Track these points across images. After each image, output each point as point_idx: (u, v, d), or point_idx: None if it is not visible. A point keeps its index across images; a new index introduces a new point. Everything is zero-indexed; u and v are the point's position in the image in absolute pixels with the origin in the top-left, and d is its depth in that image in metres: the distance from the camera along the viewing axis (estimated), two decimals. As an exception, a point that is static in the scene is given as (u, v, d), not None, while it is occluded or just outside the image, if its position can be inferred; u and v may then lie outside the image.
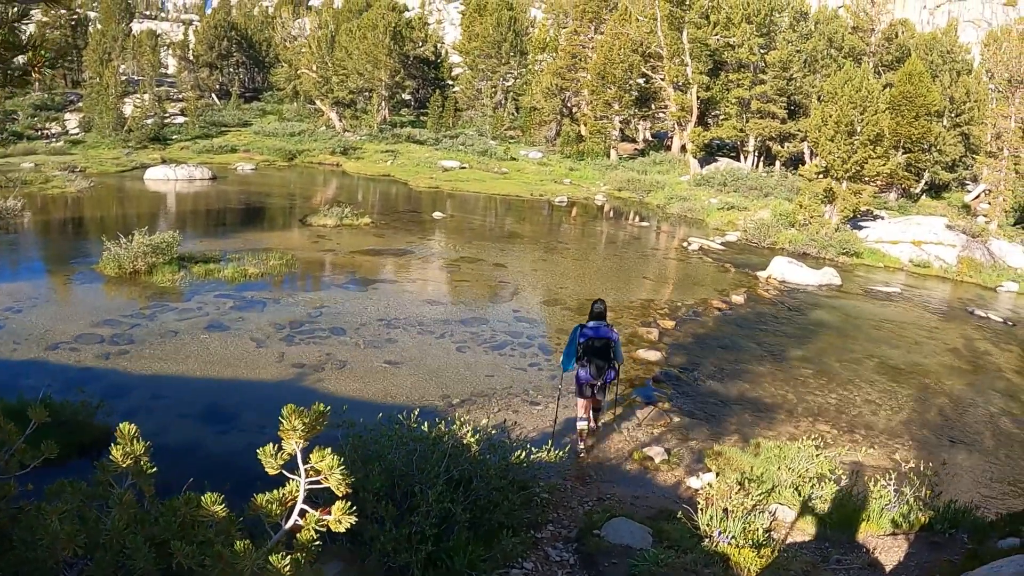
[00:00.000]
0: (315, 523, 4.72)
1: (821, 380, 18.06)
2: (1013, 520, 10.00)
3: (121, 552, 4.54)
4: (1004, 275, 35.00)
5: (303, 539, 4.67)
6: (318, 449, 4.73)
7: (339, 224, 30.74)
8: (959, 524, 10.01)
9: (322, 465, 4.68)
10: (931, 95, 49.55)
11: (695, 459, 12.80)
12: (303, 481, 4.74)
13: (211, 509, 4.64)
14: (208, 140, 55.34)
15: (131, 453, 4.80)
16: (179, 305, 18.34)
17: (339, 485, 4.67)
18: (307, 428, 4.65)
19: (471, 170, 53.63)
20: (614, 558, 8.80)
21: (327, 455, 4.72)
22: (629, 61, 57.32)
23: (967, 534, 9.81)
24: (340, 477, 4.65)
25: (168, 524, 4.68)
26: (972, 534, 9.74)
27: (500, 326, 19.29)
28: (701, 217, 43.60)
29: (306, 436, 4.65)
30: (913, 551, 9.47)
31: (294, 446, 4.68)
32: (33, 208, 31.18)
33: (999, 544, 8.76)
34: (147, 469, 4.90)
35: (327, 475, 4.69)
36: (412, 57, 74.61)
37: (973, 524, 10.03)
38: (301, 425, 4.60)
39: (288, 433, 4.62)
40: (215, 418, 12.67)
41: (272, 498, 4.79)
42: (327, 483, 4.71)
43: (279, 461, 4.74)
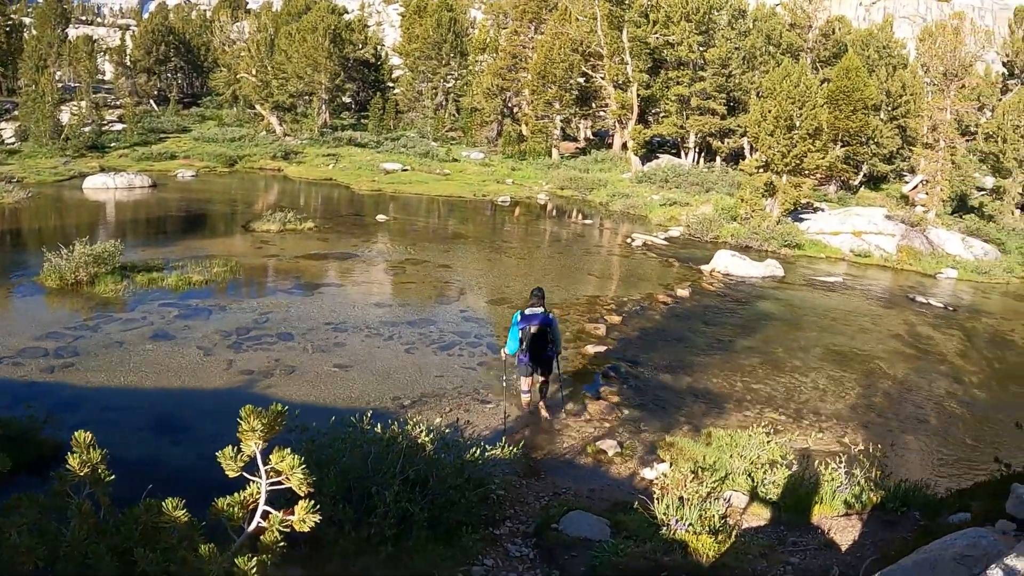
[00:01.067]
0: (279, 524, 4.65)
1: (768, 369, 18.25)
2: (963, 496, 10.15)
3: (83, 562, 4.44)
4: (943, 262, 35.62)
5: (267, 540, 4.61)
6: (278, 449, 4.67)
7: (282, 229, 30.36)
8: (911, 502, 10.14)
9: (283, 465, 4.62)
10: (868, 89, 50.23)
11: (648, 450, 12.85)
12: (264, 482, 4.67)
13: (173, 515, 4.56)
14: (147, 147, 54.05)
15: (88, 462, 4.70)
16: (123, 315, 17.93)
17: (301, 485, 4.61)
18: (266, 429, 4.59)
19: (413, 172, 53.30)
20: (573, 551, 8.80)
21: (287, 455, 4.67)
22: (569, 60, 57.37)
23: (919, 511, 9.93)
24: (301, 477, 4.60)
25: (129, 532, 4.59)
26: (924, 511, 9.86)
27: (448, 326, 19.22)
28: (644, 213, 43.83)
29: (265, 437, 4.60)
30: (867, 530, 9.57)
31: (253, 447, 4.61)
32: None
33: (951, 519, 8.88)
34: (105, 477, 4.81)
35: (288, 475, 4.62)
36: (352, 60, 74.04)
37: (924, 501, 10.16)
38: (260, 426, 4.54)
39: (247, 434, 4.55)
40: (167, 429, 12.40)
41: (234, 501, 4.72)
42: (289, 483, 4.65)
43: (239, 463, 4.66)
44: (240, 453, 4.67)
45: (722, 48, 54.92)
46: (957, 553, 6.55)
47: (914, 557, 6.86)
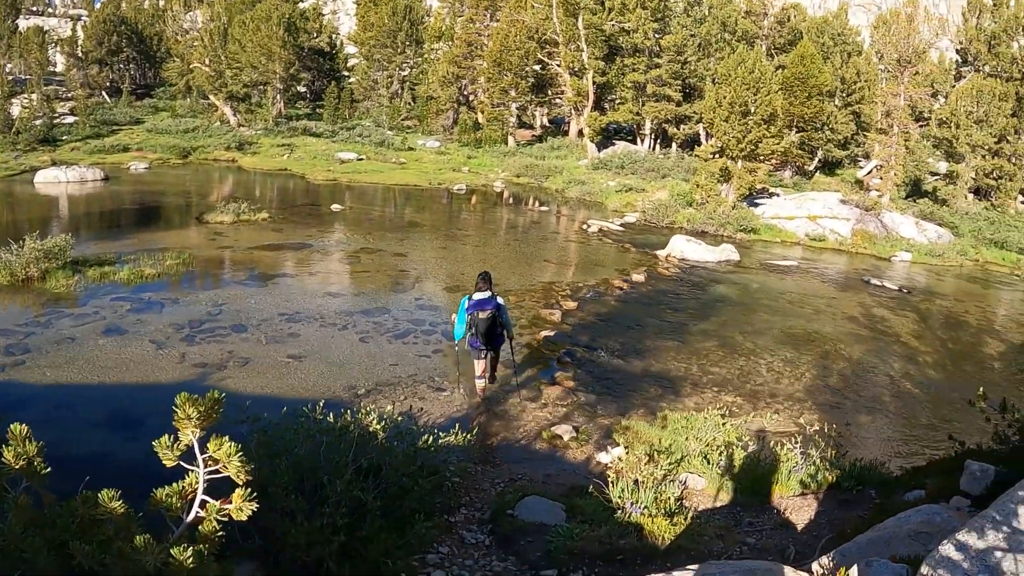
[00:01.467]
0: (216, 513, 4.50)
1: (724, 352, 18.30)
2: (918, 474, 10.18)
3: (19, 556, 4.27)
4: (897, 245, 36.03)
5: (205, 530, 4.46)
6: (215, 438, 4.51)
7: (236, 220, 29.97)
8: (866, 481, 10.17)
9: (219, 453, 4.47)
10: (823, 76, 50.53)
11: (603, 435, 12.81)
12: (202, 471, 4.53)
13: (109, 506, 4.40)
14: (100, 140, 52.99)
15: (23, 455, 4.52)
16: (75, 311, 17.54)
17: (238, 473, 4.46)
18: (202, 417, 4.44)
19: (369, 161, 52.91)
20: (529, 536, 8.72)
21: (224, 443, 4.51)
22: (525, 48, 57.12)
23: (875, 490, 9.96)
24: (239, 464, 4.45)
25: (66, 525, 4.42)
26: (879, 489, 9.89)
27: (402, 315, 19.06)
28: (600, 200, 43.81)
29: (202, 425, 4.45)
30: (823, 509, 9.57)
31: (190, 436, 4.46)
32: None
33: (906, 497, 8.89)
34: (41, 470, 4.63)
35: (225, 463, 4.47)
36: (307, 49, 73.21)
37: (880, 480, 10.19)
38: (196, 413, 4.39)
39: (183, 423, 4.40)
40: (121, 424, 12.14)
41: (172, 491, 4.57)
42: (226, 471, 4.49)
43: (176, 453, 4.50)
44: (177, 442, 4.50)
45: (678, 35, 55.04)
46: (912, 530, 6.53)
47: (869, 534, 6.84)
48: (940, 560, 4.80)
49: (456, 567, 8.14)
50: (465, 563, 8.25)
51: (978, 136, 45.30)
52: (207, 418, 4.44)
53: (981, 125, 45.50)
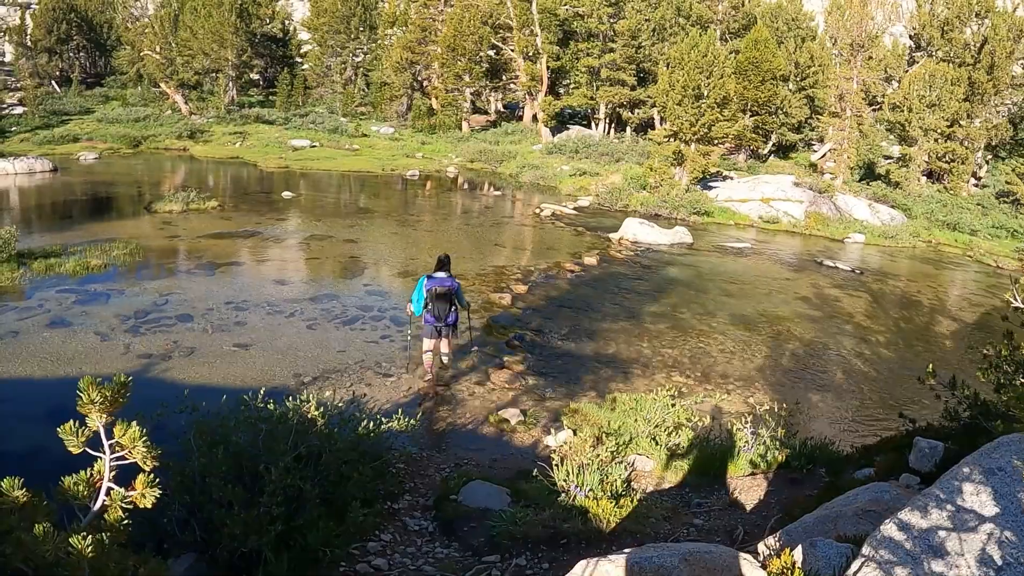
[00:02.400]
0: (121, 500, 4.25)
1: (676, 334, 18.23)
2: (868, 452, 10.12)
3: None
4: (851, 227, 36.18)
5: (111, 519, 4.21)
6: (121, 423, 4.25)
7: (186, 209, 29.60)
8: (816, 460, 10.10)
9: (125, 439, 4.21)
10: (776, 60, 50.70)
11: (551, 418, 12.67)
12: (107, 457, 4.28)
13: (11, 495, 4.13)
14: (49, 130, 51.77)
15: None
16: (19, 304, 17.14)
17: (144, 459, 4.21)
18: (108, 401, 4.17)
19: (322, 148, 52.53)
20: (472, 522, 8.55)
21: (130, 428, 4.26)
22: (479, 33, 56.81)
23: (824, 468, 9.90)
24: (144, 450, 4.20)
25: (-31, 516, 4.15)
26: (829, 468, 9.83)
27: (351, 301, 18.87)
28: (554, 184, 43.68)
29: (108, 410, 4.18)
30: (773, 488, 9.46)
31: (96, 421, 4.19)
32: None
33: (855, 475, 8.82)
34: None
35: (131, 449, 4.21)
36: (260, 35, 72.32)
37: (829, 458, 10.12)
38: (100, 398, 4.12)
39: (87, 407, 4.14)
40: (59, 418, 11.46)
41: (79, 480, 4.31)
42: (132, 457, 4.24)
43: (81, 439, 4.25)
44: (84, 428, 4.25)
45: (632, 19, 54.83)
46: (860, 508, 6.39)
47: (817, 513, 6.71)
48: (882, 540, 4.64)
49: (398, 555, 7.97)
50: (407, 550, 8.09)
51: (930, 120, 45.51)
52: (114, 403, 4.18)
53: (933, 109, 45.71)
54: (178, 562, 7.26)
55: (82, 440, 4.26)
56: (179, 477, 7.71)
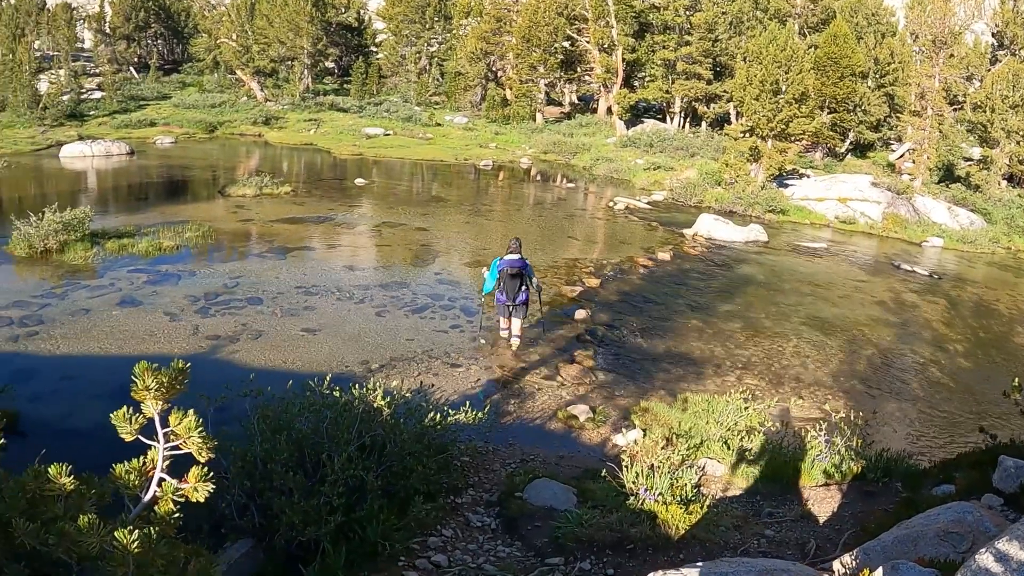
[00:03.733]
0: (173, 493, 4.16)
1: (749, 334, 17.86)
2: (946, 467, 9.73)
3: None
4: (929, 231, 35.22)
5: (161, 511, 4.11)
6: (176, 411, 4.16)
7: (259, 194, 29.86)
8: (892, 472, 9.74)
9: (180, 428, 4.11)
10: (856, 56, 49.58)
11: (621, 416, 12.46)
12: (161, 447, 4.18)
13: (59, 482, 4.05)
14: (127, 115, 52.87)
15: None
16: (91, 282, 17.43)
17: (200, 450, 4.11)
18: (166, 388, 4.09)
19: (395, 137, 52.65)
20: (537, 521, 8.39)
21: (186, 417, 4.17)
22: (554, 24, 56.43)
23: (901, 482, 9.53)
24: (200, 441, 4.10)
25: (15, 501, 4.08)
26: (906, 482, 9.46)
27: (421, 289, 18.80)
28: (627, 178, 43.17)
29: (165, 396, 4.09)
30: (847, 501, 9.16)
31: (151, 408, 4.11)
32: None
33: (934, 491, 8.47)
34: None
35: (185, 439, 4.12)
36: (335, 24, 72.74)
37: (906, 472, 9.75)
38: (156, 384, 4.02)
39: (142, 394, 4.04)
40: (126, 397, 11.71)
41: (131, 468, 4.22)
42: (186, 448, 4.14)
43: (135, 426, 4.16)
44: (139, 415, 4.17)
45: (709, 12, 54.01)
46: (941, 529, 6.10)
47: (895, 532, 6.43)
48: (978, 571, 4.36)
49: (459, 551, 7.84)
50: (468, 547, 7.96)
51: (1013, 122, 44.14)
52: (170, 389, 4.09)
53: (1017, 110, 44.37)
54: (235, 547, 7.28)
55: (135, 427, 4.16)
56: (240, 462, 7.70)
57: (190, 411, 4.18)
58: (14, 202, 27.37)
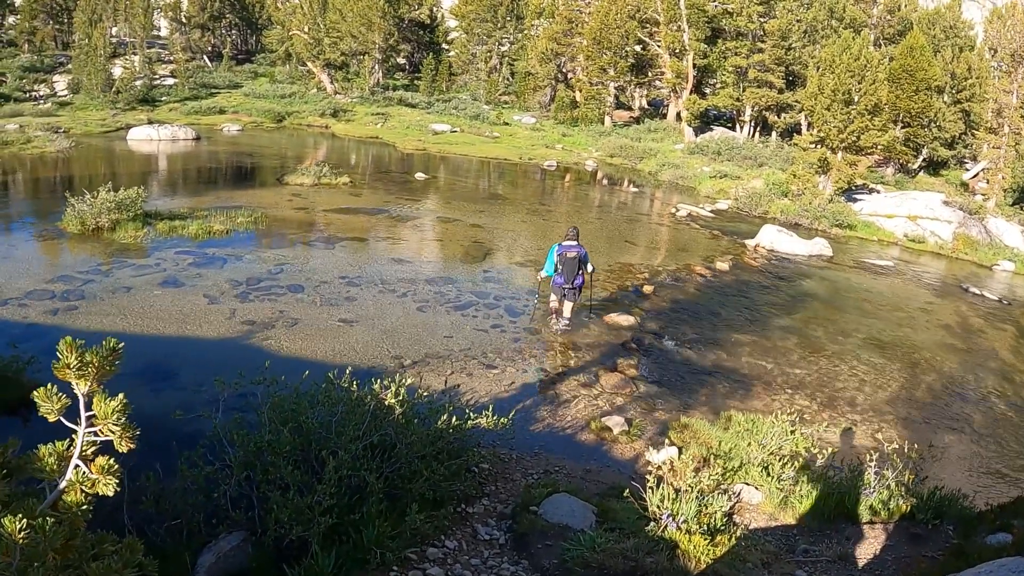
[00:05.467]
0: (84, 483, 3.69)
1: (804, 352, 17.09)
2: (1004, 512, 8.88)
3: None
4: (1001, 254, 34.01)
5: (70, 500, 3.63)
6: (100, 393, 3.67)
7: (316, 183, 29.90)
8: (944, 514, 8.98)
9: (100, 412, 3.63)
10: (932, 69, 48.31)
11: (658, 431, 11.80)
12: (82, 431, 3.70)
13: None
14: (197, 102, 53.95)
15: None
16: (138, 261, 17.59)
17: (120, 438, 3.63)
18: (96, 367, 3.60)
19: (462, 134, 52.58)
20: (549, 539, 7.81)
21: (112, 401, 3.70)
22: (625, 27, 55.93)
23: (952, 526, 8.78)
24: (118, 429, 3.62)
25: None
26: (958, 526, 8.70)
27: (467, 286, 18.46)
28: (692, 185, 42.39)
29: (96, 377, 3.60)
30: (891, 543, 8.43)
31: (77, 388, 3.64)
32: (8, 167, 30.53)
33: (988, 540, 7.67)
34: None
35: (103, 425, 3.64)
36: (407, 20, 73.13)
37: (960, 515, 8.99)
38: (77, 362, 3.54)
39: (63, 371, 3.56)
40: (153, 376, 11.92)
41: (53, 450, 3.75)
42: (104, 434, 3.67)
43: (57, 405, 3.70)
44: (60, 395, 3.71)
45: (783, 19, 53.13)
46: (992, 588, 5.39)
47: (940, 585, 5.72)
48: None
49: (459, 565, 7.34)
50: (471, 562, 7.45)
51: (1094, 145, 42.83)
52: (101, 370, 3.60)
53: (1098, 133, 43.00)
54: (227, 539, 7.05)
55: (58, 407, 3.70)
56: (242, 452, 7.46)
57: (119, 395, 3.79)
58: (75, 181, 27.50)
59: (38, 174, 30.41)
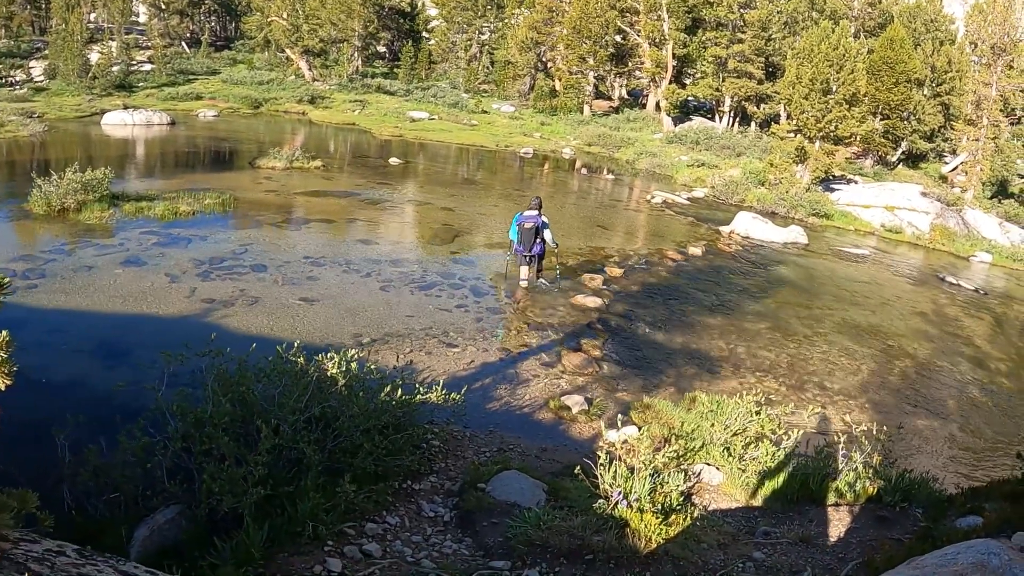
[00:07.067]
0: None
1: (775, 336, 16.82)
2: (975, 496, 8.48)
3: None
4: (978, 245, 33.98)
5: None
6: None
7: (288, 167, 29.63)
8: (912, 497, 8.62)
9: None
10: (912, 62, 48.16)
11: (620, 411, 11.39)
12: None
13: None
14: (174, 88, 53.55)
15: None
16: (101, 241, 17.43)
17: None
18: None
19: (439, 121, 52.34)
20: (495, 517, 7.44)
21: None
22: (606, 16, 55.65)
23: (921, 509, 8.41)
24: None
25: None
26: (927, 509, 8.32)
27: (433, 267, 18.24)
28: (670, 173, 42.13)
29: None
30: (856, 525, 8.05)
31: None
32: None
33: (957, 523, 7.26)
34: None
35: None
36: (387, 8, 72.78)
37: (928, 498, 8.62)
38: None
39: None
40: (107, 353, 11.91)
41: None
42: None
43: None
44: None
45: (763, 10, 52.93)
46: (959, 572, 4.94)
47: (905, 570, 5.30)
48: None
49: (400, 541, 6.98)
50: (412, 538, 7.10)
51: (1074, 138, 42.79)
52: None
53: (1079, 127, 42.97)
54: (163, 513, 6.84)
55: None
56: (181, 423, 7.27)
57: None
58: (43, 163, 27.24)
59: (9, 158, 29.95)
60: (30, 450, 8.06)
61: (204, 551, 6.17)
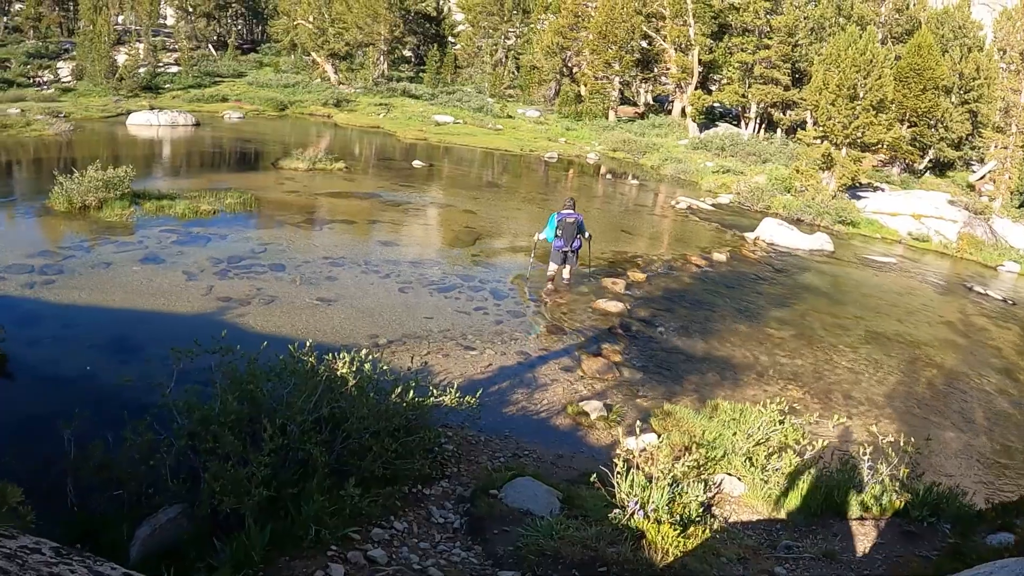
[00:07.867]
0: None
1: (800, 344, 16.52)
2: (1006, 511, 8.22)
3: None
4: (1006, 255, 33.43)
5: None
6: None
7: (311, 168, 29.60)
8: (941, 512, 8.34)
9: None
10: (940, 68, 47.58)
11: (639, 418, 11.02)
12: None
13: None
14: (200, 90, 53.69)
15: None
16: (121, 239, 17.44)
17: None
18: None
19: (464, 125, 52.27)
20: (507, 524, 7.21)
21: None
22: (631, 21, 55.41)
23: (950, 524, 8.14)
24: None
25: None
26: (955, 525, 8.06)
27: (453, 269, 18.07)
28: (695, 179, 41.87)
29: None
30: (882, 541, 7.79)
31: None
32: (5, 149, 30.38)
33: (988, 540, 7.01)
34: None
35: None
36: (413, 12, 72.88)
37: (958, 513, 8.34)
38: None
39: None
40: (120, 349, 11.85)
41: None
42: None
43: None
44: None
45: (789, 16, 52.49)
46: (990, 595, 4.70)
47: (933, 590, 5.04)
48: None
49: (406, 548, 6.77)
50: (420, 545, 6.89)
51: (1103, 148, 42.09)
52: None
53: (1109, 135, 42.27)
54: (165, 512, 6.74)
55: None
56: (187, 421, 7.15)
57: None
58: (68, 162, 27.10)
59: (34, 156, 30.11)
60: (36, 443, 8.02)
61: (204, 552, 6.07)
